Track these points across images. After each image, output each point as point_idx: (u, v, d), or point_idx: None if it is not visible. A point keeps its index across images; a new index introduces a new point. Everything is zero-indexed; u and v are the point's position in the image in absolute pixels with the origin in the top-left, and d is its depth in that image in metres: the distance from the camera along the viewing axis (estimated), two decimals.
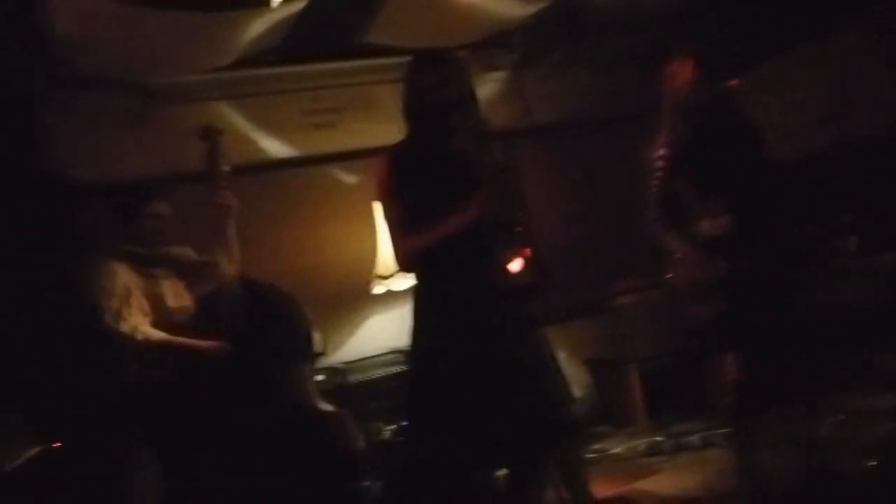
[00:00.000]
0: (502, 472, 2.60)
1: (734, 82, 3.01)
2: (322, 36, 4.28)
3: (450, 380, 2.24)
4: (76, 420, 2.52)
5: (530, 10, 4.46)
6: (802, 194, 4.21)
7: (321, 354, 3.28)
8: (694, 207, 3.01)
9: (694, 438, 4.01)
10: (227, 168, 3.17)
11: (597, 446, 4.42)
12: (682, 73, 2.93)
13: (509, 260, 3.45)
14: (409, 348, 2.42)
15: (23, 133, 3.47)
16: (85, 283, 2.98)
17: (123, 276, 3.05)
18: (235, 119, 4.58)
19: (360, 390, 3.92)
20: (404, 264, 2.41)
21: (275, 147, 4.67)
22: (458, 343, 2.26)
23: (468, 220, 2.25)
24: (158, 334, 3.00)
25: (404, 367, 3.21)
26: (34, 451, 1.96)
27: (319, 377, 3.80)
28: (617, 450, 4.29)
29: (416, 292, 2.43)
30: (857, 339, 3.67)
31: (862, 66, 4.27)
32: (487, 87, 5.13)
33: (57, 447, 2.01)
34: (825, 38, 4.50)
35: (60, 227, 3.59)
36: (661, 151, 3.00)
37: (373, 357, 4.35)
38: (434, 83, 2.31)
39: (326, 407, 3.17)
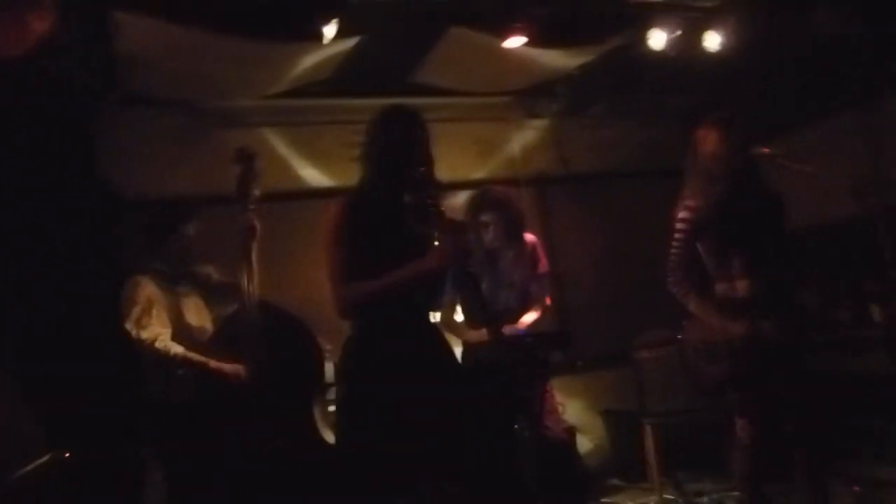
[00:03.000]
0: None
1: (764, 150, 3.00)
2: (371, 73, 4.39)
3: (404, 432, 2.21)
4: (90, 431, 2.59)
5: (577, 62, 4.54)
6: (828, 262, 4.15)
7: (332, 386, 3.30)
8: (713, 270, 3.02)
9: (705, 499, 3.96)
10: (256, 191, 3.20)
11: (607, 500, 4.37)
12: (709, 139, 2.95)
13: (526, 311, 3.51)
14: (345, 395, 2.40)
15: (84, 147, 3.60)
16: (112, 293, 3.07)
17: (147, 288, 3.16)
18: (279, 146, 4.72)
19: None
20: (345, 311, 2.34)
21: (313, 176, 4.80)
22: (407, 392, 2.26)
23: (425, 270, 2.26)
24: (178, 347, 3.08)
25: None
26: (44, 458, 2.04)
27: (331, 408, 3.82)
28: None
29: (355, 342, 2.40)
30: (874, 408, 3.60)
31: None
32: (527, 134, 5.22)
33: (67, 457, 2.08)
34: (869, 108, 4.48)
35: (106, 239, 3.71)
36: (685, 213, 3.01)
37: None
38: (404, 138, 2.34)
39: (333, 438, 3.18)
